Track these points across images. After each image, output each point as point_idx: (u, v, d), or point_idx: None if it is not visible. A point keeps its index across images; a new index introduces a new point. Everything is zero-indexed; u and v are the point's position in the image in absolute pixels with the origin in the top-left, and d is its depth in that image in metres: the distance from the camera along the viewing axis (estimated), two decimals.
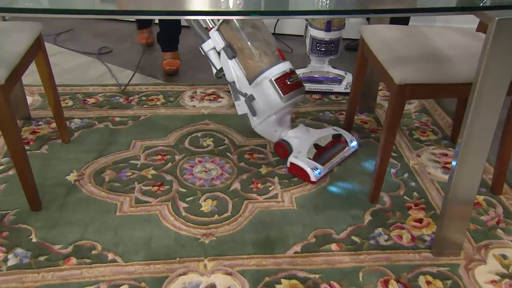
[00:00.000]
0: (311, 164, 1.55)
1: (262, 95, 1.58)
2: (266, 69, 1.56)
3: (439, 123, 1.97)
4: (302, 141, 1.64)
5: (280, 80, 1.56)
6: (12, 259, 1.25)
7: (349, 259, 1.28)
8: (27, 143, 1.76)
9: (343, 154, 1.66)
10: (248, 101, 1.61)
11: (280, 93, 1.55)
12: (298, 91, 1.60)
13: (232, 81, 1.63)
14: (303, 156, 1.58)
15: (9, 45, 1.36)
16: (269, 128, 1.65)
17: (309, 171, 1.54)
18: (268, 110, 1.61)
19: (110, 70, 2.37)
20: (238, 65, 1.60)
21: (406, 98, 1.30)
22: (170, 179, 1.58)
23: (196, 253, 1.28)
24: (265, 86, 1.57)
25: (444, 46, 1.39)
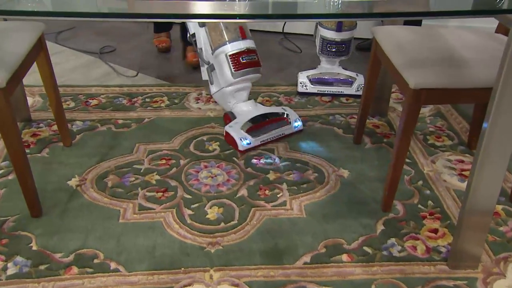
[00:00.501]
0: (242, 134, 1.71)
1: (218, 67, 1.79)
2: (225, 43, 1.75)
3: (455, 127, 1.95)
4: (244, 114, 1.80)
5: (235, 57, 1.74)
6: (12, 268, 1.25)
7: (360, 270, 1.26)
8: (28, 146, 1.76)
9: (281, 131, 1.79)
10: (208, 70, 1.82)
11: (231, 69, 1.74)
12: (251, 70, 1.77)
13: (200, 48, 1.85)
14: (237, 126, 1.73)
15: (10, 46, 1.36)
16: (224, 99, 1.86)
17: (237, 140, 1.69)
18: (222, 82, 1.81)
19: (114, 70, 2.38)
20: (206, 34, 1.79)
21: (421, 103, 1.29)
22: (174, 184, 1.58)
23: (201, 263, 1.28)
24: (221, 60, 1.77)
25: (461, 48, 1.37)
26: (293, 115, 1.84)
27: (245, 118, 1.78)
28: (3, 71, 1.24)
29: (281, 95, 2.17)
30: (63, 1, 1.08)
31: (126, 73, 2.36)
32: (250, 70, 1.78)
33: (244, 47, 1.76)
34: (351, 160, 1.72)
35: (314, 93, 2.16)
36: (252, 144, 1.71)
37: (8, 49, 1.34)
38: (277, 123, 1.81)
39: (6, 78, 1.24)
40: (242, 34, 1.76)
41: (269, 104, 2.08)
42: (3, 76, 1.23)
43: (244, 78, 1.78)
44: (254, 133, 1.74)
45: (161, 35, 2.59)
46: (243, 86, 1.83)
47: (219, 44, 1.77)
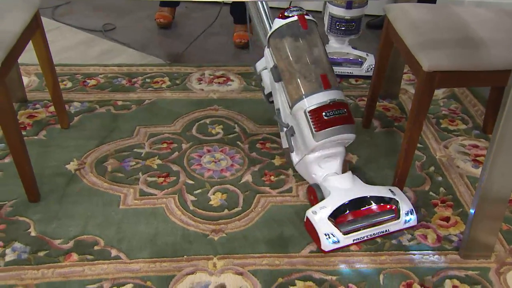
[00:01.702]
0: (329, 228, 1.28)
1: (298, 129, 1.41)
2: (303, 97, 1.37)
3: (470, 111, 1.95)
4: (336, 194, 1.34)
5: (315, 113, 1.36)
6: (10, 254, 1.27)
7: (368, 260, 1.28)
8: (24, 128, 1.77)
9: (386, 227, 1.33)
10: (288, 134, 1.44)
11: (312, 129, 1.35)
12: (338, 129, 1.36)
13: (277, 108, 1.49)
14: (324, 214, 1.30)
15: (3, 25, 1.35)
16: (306, 170, 1.44)
17: (321, 237, 1.27)
18: (303, 148, 1.41)
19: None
20: (282, 88, 1.43)
21: (434, 87, 1.29)
22: (176, 169, 1.59)
23: (204, 251, 1.29)
24: (300, 119, 1.39)
25: (478, 27, 1.36)
26: (406, 204, 1.36)
27: (337, 201, 1.32)
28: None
29: None
30: None
31: (126, 52, 2.35)
32: (338, 128, 1.36)
33: (327, 100, 1.36)
34: (360, 144, 1.72)
35: None
36: (340, 243, 1.28)
37: (2, 27, 1.33)
38: (380, 213, 1.34)
39: (1, 58, 1.24)
40: (324, 83, 1.37)
41: None
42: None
43: (331, 140, 1.36)
44: (346, 226, 1.30)
45: (164, 10, 2.58)
46: (332, 153, 1.41)
47: (297, 99, 1.38)
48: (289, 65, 1.42)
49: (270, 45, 1.47)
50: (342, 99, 1.41)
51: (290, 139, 1.45)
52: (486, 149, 1.70)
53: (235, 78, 2.13)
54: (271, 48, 1.47)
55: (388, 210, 1.35)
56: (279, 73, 1.44)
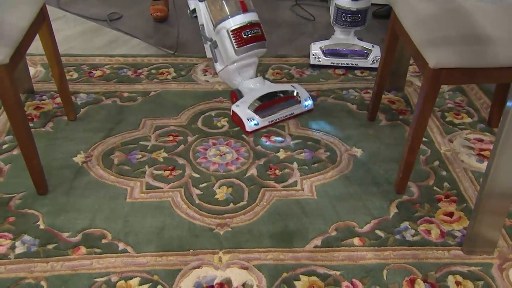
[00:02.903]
0: (249, 114, 1.69)
1: (221, 44, 1.75)
2: (226, 18, 1.71)
3: (475, 103, 1.94)
4: (251, 93, 1.77)
5: (237, 32, 1.70)
6: (20, 247, 1.30)
7: (372, 255, 1.29)
8: (31, 120, 1.79)
9: (291, 110, 1.77)
10: (211, 47, 1.79)
11: (234, 45, 1.70)
12: (255, 45, 1.74)
13: (201, 24, 1.82)
14: (244, 105, 1.71)
15: (12, 19, 1.36)
16: (229, 76, 1.85)
17: (245, 121, 1.68)
18: (226, 59, 1.79)
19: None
20: (206, 8, 1.75)
21: (440, 83, 1.28)
22: (182, 163, 1.60)
23: (210, 245, 1.31)
24: (223, 36, 1.73)
25: (486, 24, 1.35)
26: (304, 93, 1.81)
27: (252, 97, 1.75)
28: (6, 47, 1.24)
29: (292, 67, 2.16)
30: None
31: (130, 42, 2.35)
32: (254, 45, 1.75)
33: (246, 21, 1.72)
34: (364, 138, 1.73)
35: (327, 65, 2.15)
36: (260, 124, 1.70)
37: (9, 22, 1.33)
38: (286, 102, 1.78)
39: (9, 54, 1.24)
40: (243, 7, 1.72)
41: (280, 77, 2.08)
42: (6, 51, 1.24)
43: (248, 54, 1.75)
44: (262, 113, 1.72)
45: (158, 3, 2.54)
46: (248, 63, 1.81)
47: (220, 20, 1.74)
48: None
49: None
50: (257, 20, 1.76)
51: (214, 51, 1.81)
52: (491, 143, 1.70)
53: None
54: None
55: (292, 99, 1.79)
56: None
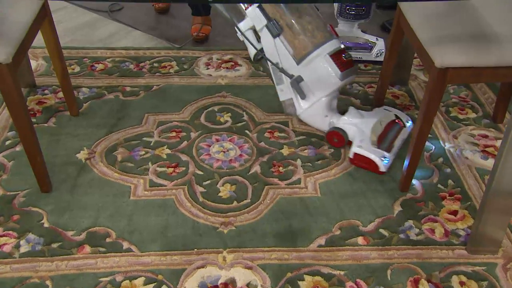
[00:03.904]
0: (378, 152, 1.50)
1: (314, 75, 1.55)
2: (320, 45, 1.53)
3: (480, 98, 1.93)
4: (360, 128, 1.58)
5: (336, 57, 1.55)
6: (25, 246, 1.30)
7: (376, 254, 1.29)
8: (34, 115, 1.78)
9: (402, 136, 1.60)
10: (295, 83, 1.55)
11: (337, 70, 1.54)
12: (353, 69, 1.59)
13: (275, 62, 1.59)
14: (367, 144, 1.52)
15: (13, 16, 1.34)
16: (319, 113, 1.60)
17: (377, 161, 1.49)
18: (321, 91, 1.57)
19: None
20: (283, 43, 1.55)
21: (446, 83, 1.27)
22: (186, 159, 1.60)
23: (214, 244, 1.31)
24: (320, 64, 1.54)
25: (493, 22, 1.33)
26: (403, 115, 1.67)
27: (365, 132, 1.55)
28: (8, 46, 1.23)
29: None
30: None
31: (131, 33, 2.33)
32: (353, 69, 1.60)
33: (341, 45, 1.59)
34: None
35: None
36: (390, 161, 1.52)
37: (11, 19, 1.32)
38: (392, 128, 1.61)
39: (11, 53, 1.23)
40: (334, 32, 1.61)
41: None
42: (9, 51, 1.23)
43: (349, 80, 1.59)
44: (381, 147, 1.54)
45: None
46: (336, 94, 1.63)
47: (313, 47, 1.53)
48: (294, 20, 1.53)
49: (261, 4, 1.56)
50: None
51: (299, 87, 1.56)
52: (496, 140, 1.70)
53: (243, 63, 2.12)
54: (261, 7, 1.55)
55: (395, 124, 1.63)
56: (278, 28, 1.53)
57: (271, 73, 1.63)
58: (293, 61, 1.56)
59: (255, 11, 1.56)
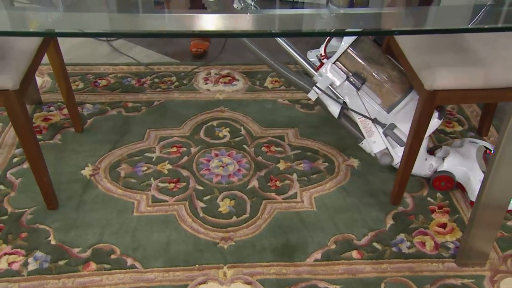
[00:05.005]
0: None
1: (409, 120, 1.39)
2: (410, 89, 1.43)
3: (466, 112, 1.92)
4: (469, 168, 1.47)
5: None
6: (33, 263, 1.28)
7: (370, 268, 1.28)
8: (40, 132, 1.76)
9: None
10: (390, 132, 1.44)
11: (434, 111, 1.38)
12: (444, 107, 1.48)
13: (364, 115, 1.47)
14: None
15: (20, 42, 1.32)
16: (420, 157, 1.44)
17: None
18: None
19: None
20: (368, 94, 1.46)
21: (436, 104, 1.26)
22: (186, 175, 1.58)
23: (215, 260, 1.30)
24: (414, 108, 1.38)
25: (479, 47, 1.32)
26: (488, 144, 1.58)
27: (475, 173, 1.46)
28: (16, 72, 1.21)
29: None
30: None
31: (133, 49, 2.31)
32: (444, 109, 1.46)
33: None
34: (361, 149, 1.70)
35: None
36: None
37: (18, 46, 1.30)
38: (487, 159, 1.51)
39: (19, 80, 1.21)
40: None
41: (278, 85, 2.04)
42: (16, 77, 1.20)
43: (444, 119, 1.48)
44: None
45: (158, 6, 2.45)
46: None
47: (404, 93, 1.43)
48: (376, 69, 1.45)
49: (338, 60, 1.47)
50: None
51: (394, 134, 1.44)
52: None
53: (240, 78, 2.10)
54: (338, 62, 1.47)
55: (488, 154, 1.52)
56: (361, 80, 1.44)
57: (352, 129, 1.51)
58: (382, 110, 1.45)
59: (333, 68, 1.47)
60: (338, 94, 1.48)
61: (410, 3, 1.29)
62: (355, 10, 1.14)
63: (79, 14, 1.02)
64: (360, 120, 1.47)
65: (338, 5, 2.03)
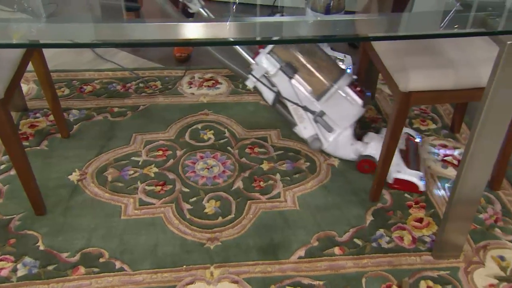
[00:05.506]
0: (417, 174, 1.49)
1: (337, 107, 1.51)
2: (338, 79, 1.51)
3: (439, 110, 1.95)
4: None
5: (354, 87, 1.52)
6: (21, 269, 1.26)
7: (352, 263, 1.29)
8: (26, 139, 1.72)
9: (420, 151, 1.60)
10: (319, 118, 1.52)
11: (358, 99, 1.51)
12: (369, 96, 1.57)
13: (295, 103, 1.53)
14: (403, 168, 1.50)
15: (3, 52, 1.29)
16: (345, 142, 1.55)
17: (418, 183, 1.49)
18: (346, 121, 1.53)
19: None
20: (300, 83, 1.51)
21: (410, 105, 1.28)
22: (172, 177, 1.57)
23: (202, 260, 1.29)
24: (341, 96, 1.51)
25: (450, 49, 1.34)
26: (412, 131, 1.68)
27: (396, 154, 1.52)
28: (0, 81, 1.18)
29: None
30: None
31: (118, 55, 2.28)
32: (368, 96, 1.56)
33: (354, 77, 1.56)
34: None
35: None
36: (425, 178, 1.52)
37: (2, 55, 1.27)
38: (411, 147, 1.61)
39: (3, 89, 1.19)
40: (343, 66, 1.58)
41: None
42: (1, 86, 1.18)
43: (368, 106, 1.56)
44: (413, 167, 1.53)
45: (130, 14, 2.42)
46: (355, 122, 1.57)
47: (332, 82, 1.50)
48: (307, 60, 1.51)
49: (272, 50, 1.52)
50: None
51: (323, 121, 1.52)
52: (454, 149, 1.72)
53: (223, 81, 2.09)
54: (272, 52, 1.52)
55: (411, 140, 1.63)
56: (293, 69, 1.50)
57: (288, 115, 1.56)
58: (313, 98, 1.52)
59: (267, 57, 1.52)
60: (273, 82, 1.53)
61: (383, 10, 1.31)
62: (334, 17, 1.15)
63: (61, 24, 1.00)
64: (293, 107, 1.53)
65: (316, 11, 2.04)
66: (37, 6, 1.09)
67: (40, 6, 1.09)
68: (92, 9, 1.27)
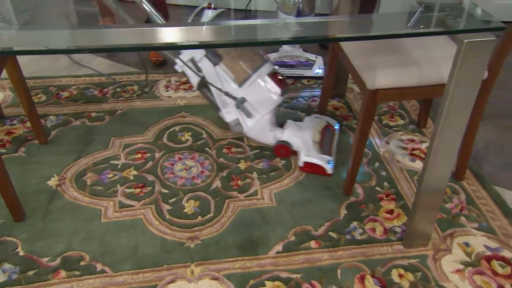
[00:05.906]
0: (324, 158, 1.56)
1: (256, 94, 1.56)
2: (258, 68, 1.55)
3: (406, 106, 1.99)
4: (302, 138, 1.62)
5: (274, 77, 1.56)
6: (1, 276, 1.22)
7: (327, 256, 1.31)
8: (3, 145, 1.68)
9: (336, 138, 1.69)
10: (240, 104, 1.56)
11: (277, 88, 1.55)
12: (288, 86, 1.62)
13: (218, 88, 1.57)
14: (313, 152, 1.57)
15: None
16: (264, 128, 1.61)
17: (325, 166, 1.55)
18: (265, 108, 1.58)
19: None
20: (223, 70, 1.55)
21: (377, 102, 1.30)
22: (151, 179, 1.55)
23: (182, 259, 1.28)
24: (261, 84, 1.55)
25: (413, 48, 1.37)
26: (331, 120, 1.75)
27: (310, 140, 1.61)
28: None
29: None
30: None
31: (95, 61, 2.25)
32: (288, 86, 1.61)
33: (274, 67, 1.59)
34: None
35: None
36: (333, 163, 1.58)
37: None
38: (327, 133, 1.67)
39: None
40: (266, 56, 1.62)
41: None
42: None
43: (285, 96, 1.61)
44: (324, 151, 1.60)
45: (105, 19, 2.40)
46: (275, 109, 1.62)
47: (252, 71, 1.54)
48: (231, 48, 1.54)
49: None
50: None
51: (244, 107, 1.56)
52: (421, 143, 1.75)
53: None
54: None
55: (328, 128, 1.71)
56: (217, 57, 1.54)
57: (213, 99, 1.61)
58: (235, 85, 1.56)
59: None
60: (199, 68, 1.57)
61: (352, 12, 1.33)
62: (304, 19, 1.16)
63: (36, 31, 0.98)
64: (216, 93, 1.58)
65: (287, 13, 2.05)
66: (9, 13, 1.07)
67: (12, 13, 1.06)
68: (68, 15, 1.25)
